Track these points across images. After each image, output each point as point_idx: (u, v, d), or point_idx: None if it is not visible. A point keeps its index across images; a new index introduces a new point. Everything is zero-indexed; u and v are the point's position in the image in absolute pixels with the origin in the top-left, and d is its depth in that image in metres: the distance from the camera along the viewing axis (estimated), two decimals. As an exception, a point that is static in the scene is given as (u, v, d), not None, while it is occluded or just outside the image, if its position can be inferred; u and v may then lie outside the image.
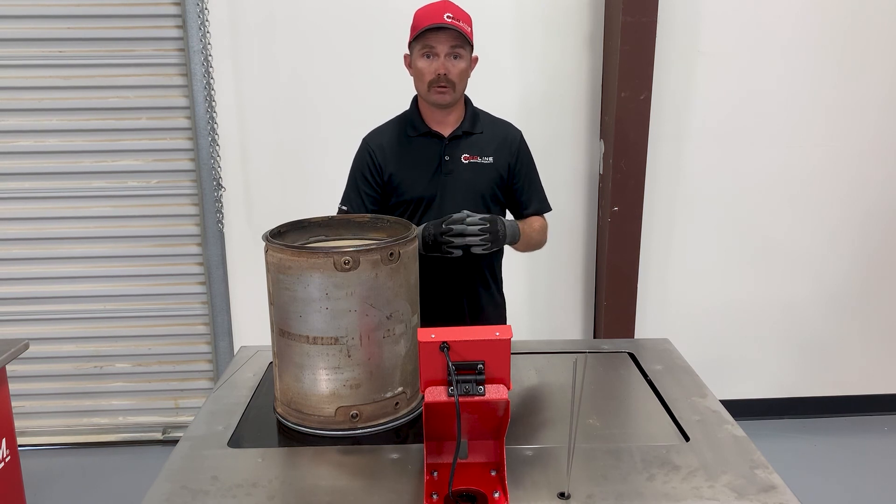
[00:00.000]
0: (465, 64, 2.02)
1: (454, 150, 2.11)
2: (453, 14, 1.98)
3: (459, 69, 2.01)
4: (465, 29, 1.98)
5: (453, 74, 2.00)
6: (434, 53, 1.99)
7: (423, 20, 1.99)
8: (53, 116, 3.35)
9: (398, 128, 2.16)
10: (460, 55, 2.00)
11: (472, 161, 2.12)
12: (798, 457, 3.46)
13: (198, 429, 1.68)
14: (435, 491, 1.37)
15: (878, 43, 3.40)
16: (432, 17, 1.97)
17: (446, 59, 1.99)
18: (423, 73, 2.01)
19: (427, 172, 2.10)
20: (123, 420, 3.68)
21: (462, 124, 2.13)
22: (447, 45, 1.97)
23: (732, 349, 3.74)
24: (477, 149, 2.13)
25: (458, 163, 2.11)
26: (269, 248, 1.63)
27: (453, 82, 2.01)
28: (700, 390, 1.86)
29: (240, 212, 3.46)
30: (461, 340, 1.31)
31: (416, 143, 2.12)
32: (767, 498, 1.37)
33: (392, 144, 2.13)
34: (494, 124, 2.21)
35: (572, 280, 3.64)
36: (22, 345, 2.43)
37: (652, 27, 3.16)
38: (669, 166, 3.48)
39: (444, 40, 1.97)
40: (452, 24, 1.95)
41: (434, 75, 1.99)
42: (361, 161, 2.15)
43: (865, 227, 3.62)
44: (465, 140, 2.13)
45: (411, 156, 2.11)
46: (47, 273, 3.50)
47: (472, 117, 2.15)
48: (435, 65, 1.99)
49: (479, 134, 2.15)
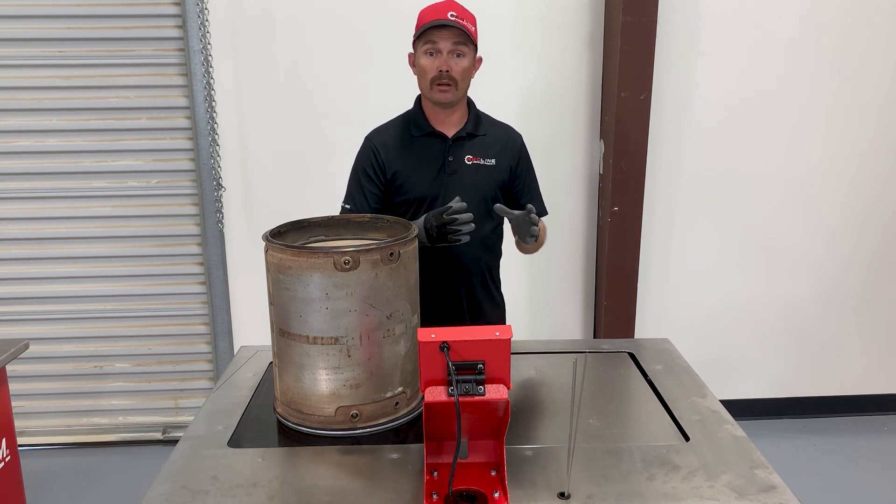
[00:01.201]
0: (467, 62, 2.02)
1: (458, 151, 2.12)
2: (457, 13, 1.99)
3: (462, 67, 2.01)
4: (468, 28, 1.99)
5: (455, 72, 2.00)
6: (437, 51, 1.99)
7: (427, 18, 2.00)
8: (53, 116, 3.35)
9: (402, 127, 2.16)
10: (463, 53, 2.01)
11: (475, 162, 2.12)
12: (798, 457, 3.46)
13: (198, 429, 1.68)
14: (435, 491, 1.37)
15: (878, 43, 3.40)
16: (436, 14, 1.99)
17: (449, 57, 1.99)
18: (426, 69, 2.02)
19: (430, 172, 2.10)
20: (123, 420, 3.68)
21: (466, 125, 2.14)
22: (450, 42, 1.98)
23: (732, 349, 3.74)
24: (480, 150, 2.14)
25: (461, 163, 2.11)
26: (269, 248, 1.63)
27: (455, 80, 2.01)
28: (700, 390, 1.86)
29: (240, 212, 3.46)
30: (461, 340, 1.31)
31: (419, 143, 2.12)
32: (767, 498, 1.37)
33: (395, 143, 2.13)
34: (497, 127, 2.22)
35: (572, 280, 3.64)
36: (22, 345, 2.43)
37: (652, 27, 3.16)
38: (669, 166, 3.48)
39: (446, 37, 1.98)
40: (456, 23, 1.96)
41: (436, 72, 2.00)
42: (365, 159, 2.14)
43: (865, 227, 3.62)
44: (469, 141, 2.13)
45: (415, 155, 2.11)
46: (47, 273, 3.50)
47: (476, 119, 2.16)
48: (437, 62, 2.00)
49: (483, 136, 2.15)
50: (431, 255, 1.98)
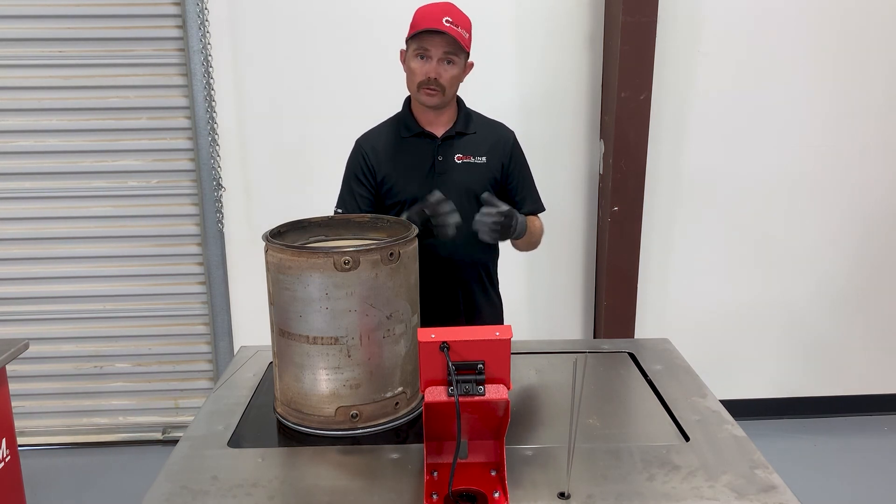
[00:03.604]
0: (457, 70, 2.01)
1: (447, 151, 2.11)
2: (453, 19, 1.96)
3: (451, 75, 2.00)
4: (462, 36, 1.97)
5: (444, 79, 2.00)
6: (428, 56, 1.98)
7: (421, 21, 1.98)
8: (53, 116, 3.35)
9: (391, 129, 2.16)
10: (453, 61, 2.00)
11: (465, 161, 2.11)
12: (798, 457, 3.46)
13: (198, 429, 1.68)
14: (435, 491, 1.37)
15: (878, 42, 3.39)
16: (431, 19, 1.96)
17: (439, 64, 1.98)
18: (415, 72, 2.01)
19: (420, 173, 2.10)
20: (123, 420, 3.68)
21: (455, 124, 2.13)
22: (441, 50, 1.97)
23: (732, 349, 3.74)
24: (470, 149, 2.13)
25: (451, 163, 2.10)
26: (269, 248, 1.63)
27: (443, 86, 2.00)
28: (700, 390, 1.86)
29: (240, 212, 3.46)
30: (461, 340, 1.31)
31: (408, 144, 2.12)
32: (767, 498, 1.37)
33: (385, 146, 2.13)
34: (487, 125, 2.20)
35: (572, 280, 3.64)
36: (22, 345, 2.43)
37: (652, 27, 3.16)
38: (669, 166, 3.48)
39: (439, 44, 1.96)
40: (449, 30, 1.94)
41: (425, 77, 1.99)
42: (355, 163, 2.15)
43: (865, 227, 3.62)
44: (459, 140, 2.13)
45: (404, 157, 2.11)
46: (47, 273, 3.50)
47: (465, 118, 2.15)
48: (427, 67, 1.99)
49: (473, 134, 2.14)
50: (426, 256, 1.97)
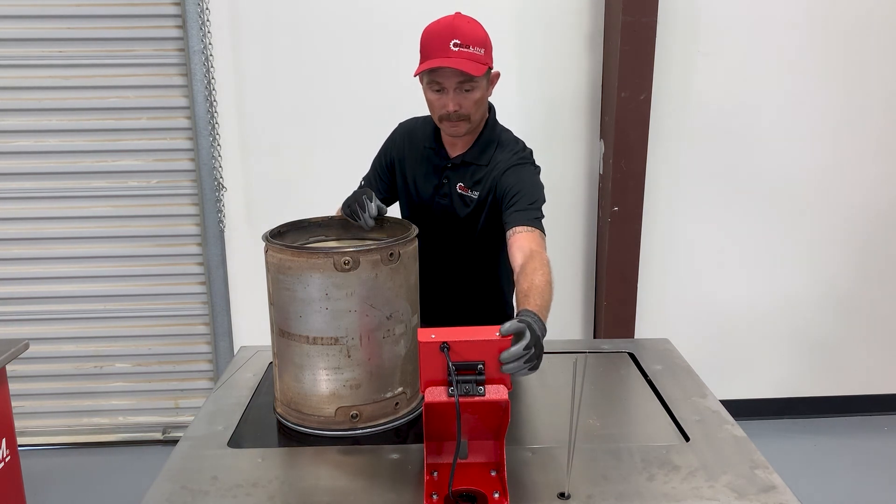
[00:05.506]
0: (479, 93, 1.83)
1: (453, 176, 2.01)
2: (461, 40, 1.76)
3: (472, 101, 1.82)
4: (475, 56, 1.77)
5: (465, 108, 1.83)
6: (442, 88, 1.81)
7: (428, 47, 1.80)
8: (53, 116, 3.35)
9: (426, 128, 2.06)
10: (472, 87, 1.81)
11: (462, 193, 2.00)
12: (798, 457, 3.46)
13: (198, 429, 1.68)
14: (435, 491, 1.37)
15: (878, 42, 3.39)
16: (438, 47, 1.77)
17: (456, 93, 1.81)
18: (433, 105, 1.87)
19: (429, 187, 2.04)
20: (123, 420, 3.67)
21: (468, 151, 1.97)
22: (454, 81, 1.79)
23: (732, 349, 3.74)
24: (471, 181, 1.98)
25: (452, 189, 2.01)
26: (269, 249, 1.63)
27: (466, 115, 1.85)
28: (700, 390, 1.86)
29: (240, 212, 3.46)
30: (461, 341, 1.31)
31: (429, 153, 2.04)
32: (767, 498, 1.37)
33: (414, 144, 2.07)
34: (497, 156, 1.96)
35: (572, 280, 3.64)
36: (22, 345, 2.42)
37: (652, 27, 3.16)
38: (669, 166, 3.48)
39: (451, 76, 1.78)
40: (459, 58, 1.75)
41: (444, 112, 1.84)
42: (389, 145, 2.11)
43: (865, 227, 3.62)
44: (465, 169, 1.98)
45: (423, 165, 2.05)
46: (47, 273, 3.50)
47: (483, 145, 1.97)
48: (444, 100, 1.82)
49: (481, 166, 1.96)
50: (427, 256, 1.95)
